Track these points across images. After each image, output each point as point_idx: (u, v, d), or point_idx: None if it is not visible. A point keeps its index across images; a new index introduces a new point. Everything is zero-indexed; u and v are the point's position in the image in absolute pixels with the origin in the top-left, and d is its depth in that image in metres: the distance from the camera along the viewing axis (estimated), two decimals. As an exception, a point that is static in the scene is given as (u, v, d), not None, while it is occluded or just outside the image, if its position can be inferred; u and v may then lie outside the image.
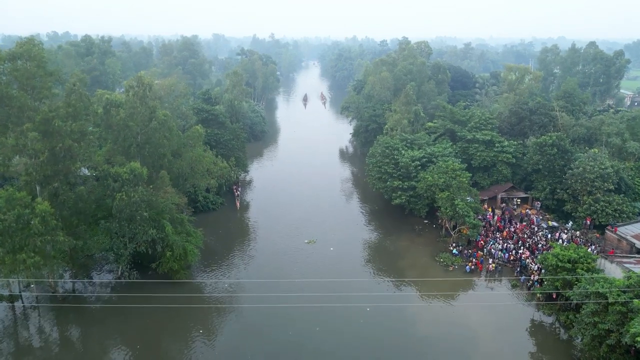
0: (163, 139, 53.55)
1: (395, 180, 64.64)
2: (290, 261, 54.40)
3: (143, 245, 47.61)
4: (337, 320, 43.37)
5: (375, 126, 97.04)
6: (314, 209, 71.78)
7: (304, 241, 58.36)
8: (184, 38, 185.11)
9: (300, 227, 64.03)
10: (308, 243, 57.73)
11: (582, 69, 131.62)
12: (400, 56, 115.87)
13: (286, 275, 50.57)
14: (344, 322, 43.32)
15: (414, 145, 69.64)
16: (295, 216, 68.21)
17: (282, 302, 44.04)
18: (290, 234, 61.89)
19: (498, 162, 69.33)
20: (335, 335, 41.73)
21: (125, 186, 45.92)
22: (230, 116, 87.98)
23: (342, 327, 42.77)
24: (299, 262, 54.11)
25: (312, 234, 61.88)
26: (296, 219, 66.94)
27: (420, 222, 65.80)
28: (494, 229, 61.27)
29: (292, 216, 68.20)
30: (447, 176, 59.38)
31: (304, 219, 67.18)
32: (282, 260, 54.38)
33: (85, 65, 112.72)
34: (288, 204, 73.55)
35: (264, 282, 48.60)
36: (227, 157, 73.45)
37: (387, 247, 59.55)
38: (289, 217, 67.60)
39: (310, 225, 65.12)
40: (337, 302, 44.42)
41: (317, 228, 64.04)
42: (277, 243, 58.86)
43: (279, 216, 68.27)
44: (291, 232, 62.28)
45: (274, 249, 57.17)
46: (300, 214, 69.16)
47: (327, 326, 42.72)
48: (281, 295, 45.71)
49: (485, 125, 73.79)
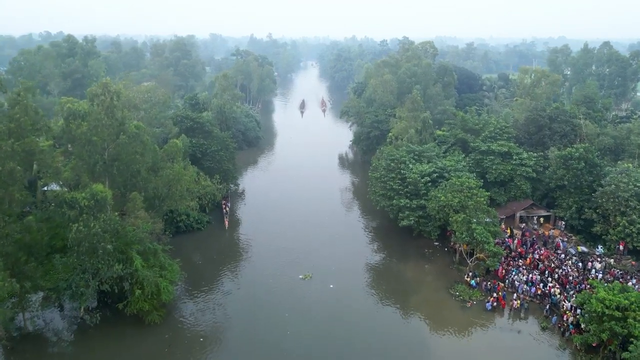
0: (135, 155, 46.21)
1: (402, 198, 57.28)
2: (280, 304, 45.37)
3: (107, 283, 40.27)
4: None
5: (377, 133, 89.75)
6: (311, 227, 64.29)
7: (299, 276, 50.26)
8: (177, 38, 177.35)
9: (295, 252, 56.56)
10: (303, 278, 49.71)
11: (596, 71, 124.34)
12: (403, 57, 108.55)
13: (275, 327, 42.26)
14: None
15: (422, 157, 62.25)
16: (290, 237, 60.76)
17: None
18: (283, 261, 54.21)
19: (516, 177, 61.93)
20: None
21: (84, 214, 38.61)
22: (220, 123, 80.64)
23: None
24: (291, 306, 45.11)
25: (308, 260, 54.44)
26: (291, 242, 59.46)
27: (430, 244, 58.48)
28: (515, 254, 53.93)
29: (287, 237, 60.68)
30: (462, 195, 51.99)
31: (300, 241, 59.77)
32: (271, 304, 45.41)
33: (66, 67, 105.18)
34: (282, 221, 66.04)
35: (249, 335, 41.28)
36: (214, 170, 66.18)
37: (393, 277, 52.11)
38: (283, 239, 60.05)
39: (307, 249, 57.71)
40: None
41: (315, 253, 56.59)
42: (267, 275, 50.58)
43: (272, 237, 60.73)
44: (284, 259, 54.64)
45: (263, 286, 48.67)
46: (295, 234, 61.72)
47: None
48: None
49: (500, 134, 66.42)
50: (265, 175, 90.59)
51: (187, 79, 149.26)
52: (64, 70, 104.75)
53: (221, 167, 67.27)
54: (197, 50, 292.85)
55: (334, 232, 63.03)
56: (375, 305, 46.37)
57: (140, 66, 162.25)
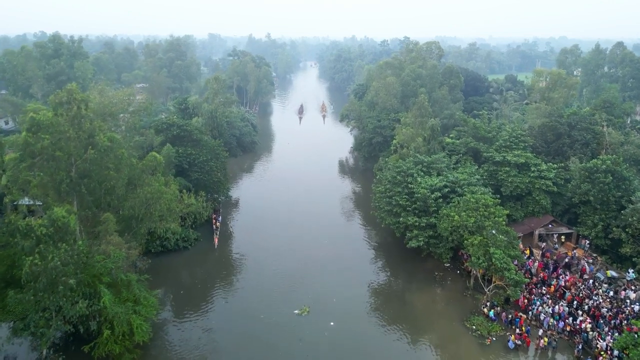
0: (108, 171, 40.51)
1: (410, 215, 51.60)
2: (273, 348, 39.26)
3: (71, 322, 34.65)
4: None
5: (380, 139, 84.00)
6: (309, 245, 58.58)
7: (294, 311, 44.23)
8: (172, 38, 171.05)
9: (291, 276, 50.88)
10: (300, 314, 43.65)
11: (608, 72, 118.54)
12: (407, 58, 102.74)
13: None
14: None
15: (431, 169, 56.54)
16: (286, 256, 55.07)
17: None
18: (277, 289, 48.39)
19: (534, 190, 56.21)
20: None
21: (42, 244, 32.95)
22: (212, 129, 74.83)
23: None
24: (285, 351, 38.96)
25: (305, 287, 48.70)
26: (287, 262, 53.82)
27: (440, 265, 52.84)
28: (537, 280, 48.25)
29: (282, 257, 55.02)
30: (478, 214, 46.37)
31: (297, 261, 54.15)
32: (262, 346, 39.45)
33: (50, 68, 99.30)
34: (278, 237, 60.32)
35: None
36: (203, 182, 60.52)
37: (400, 306, 46.28)
38: (278, 260, 54.38)
39: (304, 272, 52.05)
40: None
41: (313, 278, 50.91)
42: (258, 308, 44.40)
43: (266, 257, 55.01)
44: (279, 287, 48.83)
45: (254, 321, 42.53)
46: (292, 253, 55.99)
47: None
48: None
49: (516, 143, 60.73)
50: (261, 184, 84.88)
51: (181, 81, 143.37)
52: (48, 72, 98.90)
53: (211, 179, 61.56)
54: (195, 50, 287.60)
55: (334, 251, 57.34)
56: (381, 345, 40.59)
57: (133, 67, 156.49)
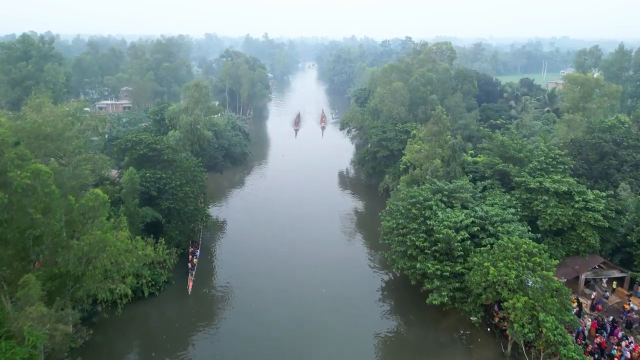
0: (32, 216, 30.16)
1: (429, 260, 41.19)
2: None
3: None
4: None
5: (386, 153, 73.58)
6: (305, 286, 48.28)
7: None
8: (162, 38, 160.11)
9: (281, 337, 40.61)
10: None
11: (634, 76, 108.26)
12: (415, 61, 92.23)
13: None
14: None
15: (453, 199, 46.03)
16: (278, 302, 44.74)
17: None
18: (263, 355, 38.31)
19: (580, 225, 45.82)
20: None
21: None
22: (192, 144, 64.32)
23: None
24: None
25: (299, 350, 38.49)
26: (278, 310, 43.51)
27: (466, 320, 42.45)
28: (593, 348, 37.82)
29: (272, 303, 44.74)
30: (519, 264, 36.02)
31: (289, 305, 43.96)
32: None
33: (17, 72, 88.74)
34: (269, 275, 50.20)
35: None
36: (176, 211, 50.07)
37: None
38: (266, 309, 44.02)
39: (298, 328, 41.77)
40: None
41: (309, 337, 40.62)
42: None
43: (251, 304, 44.73)
44: (266, 352, 38.69)
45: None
46: (285, 296, 45.69)
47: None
48: None
49: (554, 165, 50.36)
50: (251, 202, 74.60)
51: (169, 84, 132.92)
52: (13, 77, 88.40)
53: (186, 207, 51.04)
54: (191, 51, 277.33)
55: (335, 293, 47.35)
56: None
57: (118, 69, 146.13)
